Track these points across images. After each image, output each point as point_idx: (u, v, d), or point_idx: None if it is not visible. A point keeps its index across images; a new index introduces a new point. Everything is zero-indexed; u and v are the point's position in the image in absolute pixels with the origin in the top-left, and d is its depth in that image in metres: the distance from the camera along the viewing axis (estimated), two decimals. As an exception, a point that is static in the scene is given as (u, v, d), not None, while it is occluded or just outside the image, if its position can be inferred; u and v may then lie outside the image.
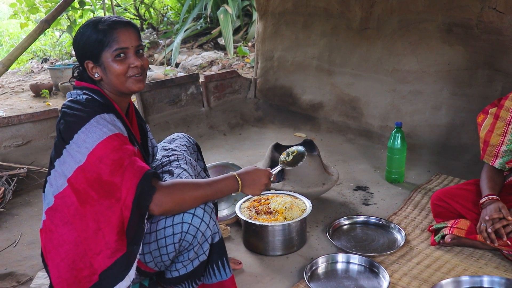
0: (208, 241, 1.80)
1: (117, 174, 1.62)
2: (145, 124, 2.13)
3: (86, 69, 1.81)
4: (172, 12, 10.01)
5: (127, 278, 1.65)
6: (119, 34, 1.76)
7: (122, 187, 1.62)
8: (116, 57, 1.76)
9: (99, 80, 1.82)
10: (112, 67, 1.77)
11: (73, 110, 1.71)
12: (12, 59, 3.99)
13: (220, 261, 1.87)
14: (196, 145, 2.41)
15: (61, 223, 1.69)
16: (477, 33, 3.61)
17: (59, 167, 1.69)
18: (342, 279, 2.29)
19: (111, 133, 1.66)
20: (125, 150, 1.67)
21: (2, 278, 2.38)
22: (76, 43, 1.81)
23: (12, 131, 3.54)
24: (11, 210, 3.12)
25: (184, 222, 1.73)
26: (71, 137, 1.66)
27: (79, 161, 1.63)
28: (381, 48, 4.23)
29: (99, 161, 1.62)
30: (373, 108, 4.38)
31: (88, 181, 1.62)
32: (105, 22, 1.76)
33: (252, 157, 3.95)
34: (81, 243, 1.65)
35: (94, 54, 1.76)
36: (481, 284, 2.21)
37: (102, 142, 1.63)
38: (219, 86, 4.98)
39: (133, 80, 1.82)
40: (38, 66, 8.09)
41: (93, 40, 1.75)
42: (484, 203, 2.38)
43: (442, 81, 3.88)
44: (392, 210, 3.00)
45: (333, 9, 4.53)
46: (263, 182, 1.98)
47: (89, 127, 1.65)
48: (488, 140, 2.54)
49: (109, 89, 1.83)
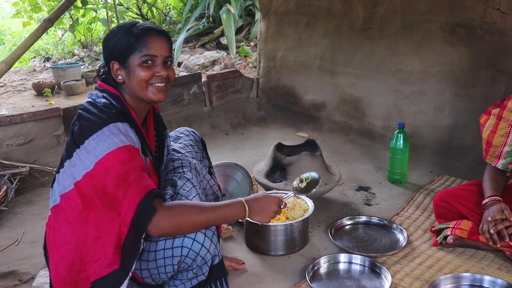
0: (208, 264, 1.78)
1: (121, 188, 1.60)
2: (165, 130, 2.10)
3: (111, 70, 1.80)
4: (175, 12, 10.01)
5: None
6: (151, 41, 1.76)
7: (123, 202, 1.59)
8: (143, 62, 1.76)
9: (121, 83, 1.81)
10: (136, 72, 1.76)
11: (88, 114, 1.70)
12: (15, 58, 4.00)
13: (219, 281, 1.85)
14: (202, 141, 2.38)
15: (64, 222, 1.68)
16: (480, 34, 3.60)
17: (68, 168, 1.68)
18: (344, 279, 2.28)
19: (121, 145, 1.64)
20: (133, 165, 1.65)
21: (4, 276, 2.39)
22: (107, 42, 1.80)
23: (15, 129, 3.55)
24: (13, 208, 3.12)
25: (184, 246, 1.69)
26: (82, 142, 1.65)
27: (87, 167, 1.62)
28: (384, 48, 4.23)
29: (105, 171, 1.60)
30: (375, 108, 4.37)
31: (94, 189, 1.61)
32: (140, 26, 1.77)
33: (254, 156, 3.95)
34: (79, 247, 1.64)
35: (122, 55, 1.76)
36: (481, 283, 2.22)
37: (111, 153, 1.62)
38: (222, 85, 4.98)
39: (155, 88, 1.81)
40: (41, 65, 8.10)
41: (124, 42, 1.75)
42: (487, 204, 2.37)
43: (445, 82, 3.87)
44: (394, 211, 3.00)
45: (336, 9, 4.53)
46: (273, 209, 1.94)
47: (101, 134, 1.64)
48: (491, 141, 2.54)
49: (130, 95, 1.82)
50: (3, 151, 3.48)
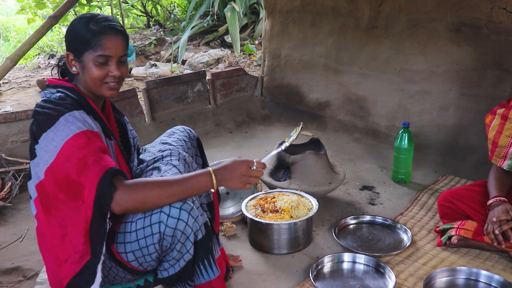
0: (190, 239, 1.75)
1: (82, 173, 1.59)
2: (123, 117, 2.11)
3: (67, 59, 1.79)
4: (179, 9, 10.01)
5: (96, 281, 1.61)
6: (107, 41, 1.73)
7: (85, 186, 1.59)
8: (97, 61, 1.74)
9: (76, 74, 1.80)
10: (90, 70, 1.74)
11: (44, 109, 1.68)
12: (20, 55, 4.00)
13: (206, 260, 1.83)
14: (197, 140, 2.34)
15: (39, 225, 1.72)
16: (486, 33, 3.58)
17: (33, 169, 1.68)
18: (348, 279, 2.28)
19: (78, 131, 1.63)
20: (91, 148, 1.63)
21: (8, 272, 2.39)
22: (67, 32, 1.79)
23: (20, 126, 3.54)
24: (17, 205, 3.13)
25: (161, 221, 1.69)
26: (40, 135, 1.64)
27: (47, 161, 1.61)
28: (389, 48, 4.22)
29: (66, 160, 1.59)
30: (380, 107, 4.36)
31: (56, 182, 1.60)
32: (97, 23, 1.73)
33: (258, 155, 3.94)
34: (50, 252, 1.66)
35: (77, 49, 1.74)
36: (477, 277, 2.24)
37: (69, 141, 1.61)
38: (226, 83, 4.98)
39: (107, 87, 1.80)
40: (45, 62, 8.10)
41: (80, 36, 1.72)
42: (492, 205, 2.36)
43: (450, 81, 3.86)
44: (398, 210, 2.99)
45: (341, 7, 4.52)
46: (241, 172, 1.82)
47: (57, 125, 1.63)
48: (497, 141, 2.52)
49: (84, 86, 1.81)
50: (7, 148, 3.48)
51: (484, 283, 2.22)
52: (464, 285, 2.23)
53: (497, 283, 2.19)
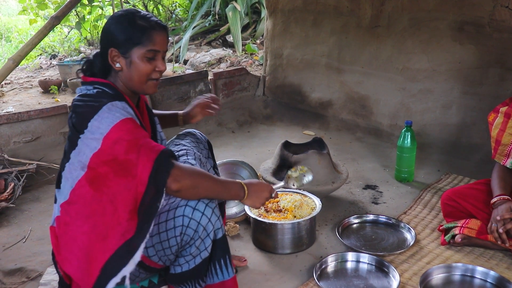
0: (210, 236, 1.78)
1: (133, 151, 1.63)
2: (154, 117, 2.13)
3: (108, 56, 1.80)
4: (181, 9, 10.00)
5: (132, 262, 1.64)
6: (156, 36, 1.78)
7: (138, 163, 1.62)
8: (146, 56, 1.78)
9: (117, 71, 1.82)
10: (139, 65, 1.78)
11: (83, 102, 1.73)
12: (22, 55, 3.99)
13: (223, 259, 1.85)
14: (208, 142, 2.40)
15: (76, 215, 1.71)
16: (489, 32, 3.57)
17: (75, 158, 1.70)
18: (352, 278, 2.28)
19: (123, 117, 1.67)
20: (139, 131, 1.69)
21: (12, 273, 2.39)
22: (107, 29, 1.81)
23: (22, 127, 3.55)
24: (20, 205, 3.13)
25: (185, 215, 1.73)
26: (85, 126, 1.67)
27: (94, 147, 1.65)
28: (391, 46, 4.21)
29: (114, 143, 1.63)
30: (382, 106, 4.35)
31: (105, 163, 1.64)
32: (144, 19, 1.79)
33: (260, 154, 3.94)
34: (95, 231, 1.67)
35: (124, 45, 1.77)
36: (472, 273, 2.25)
37: (116, 125, 1.64)
38: (228, 83, 4.98)
39: (152, 83, 1.85)
40: (47, 62, 8.10)
41: (129, 32, 1.76)
42: (495, 203, 2.36)
43: (453, 80, 3.85)
44: (401, 209, 2.98)
45: (343, 6, 4.51)
46: (265, 196, 1.97)
47: (101, 113, 1.66)
48: (500, 140, 2.52)
49: (123, 82, 1.83)
50: (10, 148, 3.48)
51: (480, 279, 2.24)
52: (460, 282, 2.24)
53: (493, 279, 2.21)
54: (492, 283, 2.20)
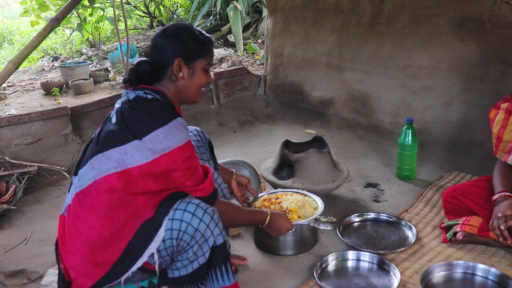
0: (209, 242, 1.77)
1: (190, 180, 1.78)
2: None
3: (173, 64, 1.87)
4: (182, 9, 10.01)
5: (157, 238, 1.71)
6: (212, 51, 1.99)
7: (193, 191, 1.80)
8: (205, 68, 1.95)
9: (173, 80, 1.89)
10: (199, 75, 1.94)
11: (148, 108, 1.78)
12: (22, 58, 4.00)
13: (224, 266, 1.84)
14: (209, 143, 2.41)
15: (89, 208, 1.73)
16: (489, 28, 3.56)
17: (115, 153, 1.72)
18: (353, 277, 2.27)
19: (186, 140, 1.76)
20: (196, 159, 1.81)
21: (13, 275, 2.40)
22: (180, 37, 1.89)
23: (23, 129, 3.56)
24: (22, 207, 3.14)
25: (183, 220, 1.72)
26: (146, 133, 1.71)
27: (147, 158, 1.69)
28: (391, 44, 4.20)
29: (172, 163, 1.72)
30: (383, 104, 4.34)
31: (152, 175, 1.71)
32: (204, 35, 1.96)
33: (262, 154, 3.94)
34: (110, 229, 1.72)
35: (191, 56, 1.90)
36: (473, 271, 2.25)
37: (180, 148, 1.73)
38: (229, 83, 4.97)
39: (201, 93, 2.02)
40: (49, 64, 8.13)
41: (196, 45, 1.91)
42: (497, 200, 2.35)
43: (454, 77, 3.83)
44: (403, 207, 2.97)
45: (343, 4, 4.50)
46: (282, 233, 2.27)
47: (168, 129, 1.73)
48: (501, 136, 2.50)
49: (174, 91, 1.92)
50: (11, 151, 3.49)
51: (481, 276, 2.23)
52: (461, 279, 2.23)
53: (494, 276, 2.19)
54: (493, 280, 2.18)
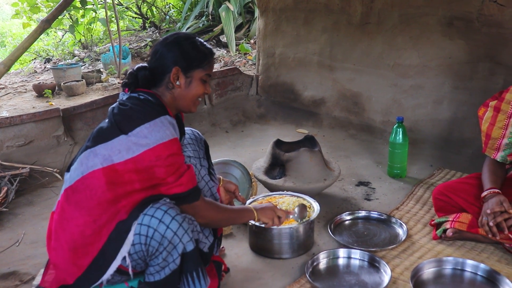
0: (178, 249, 1.75)
1: (173, 175, 1.75)
2: (184, 135, 2.19)
3: (170, 73, 1.88)
4: (174, 10, 10.01)
5: (127, 241, 1.70)
6: (212, 62, 1.98)
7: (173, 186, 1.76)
8: (202, 79, 1.94)
9: (170, 87, 1.90)
10: (196, 86, 1.93)
11: (137, 106, 1.79)
12: (13, 59, 4.00)
13: (195, 272, 1.83)
14: (205, 143, 2.37)
15: (74, 205, 1.75)
16: (477, 26, 3.59)
17: (102, 149, 1.74)
18: (344, 275, 2.29)
19: (172, 137, 1.75)
20: (180, 157, 1.79)
21: (5, 277, 2.40)
22: (180, 45, 1.90)
23: (15, 131, 3.55)
24: (14, 209, 3.13)
25: (150, 226, 1.70)
26: (132, 128, 1.72)
27: (133, 152, 1.70)
28: (382, 43, 4.22)
29: (156, 159, 1.71)
30: (375, 103, 4.37)
31: (137, 171, 1.72)
32: (205, 45, 1.96)
33: (254, 154, 3.95)
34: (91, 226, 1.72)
35: (189, 65, 1.89)
36: (463, 267, 2.27)
37: (164, 144, 1.72)
38: (221, 83, 4.98)
39: (197, 103, 2.01)
40: (41, 66, 8.10)
41: (195, 55, 1.90)
42: (486, 197, 2.37)
43: (444, 75, 3.86)
44: (394, 205, 2.99)
45: (333, 4, 4.52)
46: (270, 212, 2.24)
47: (154, 124, 1.73)
48: (490, 133, 2.53)
49: (172, 99, 1.92)
50: (3, 153, 3.48)
51: (470, 272, 2.25)
52: (450, 275, 2.26)
53: (483, 271, 2.22)
54: (482, 275, 2.21)
